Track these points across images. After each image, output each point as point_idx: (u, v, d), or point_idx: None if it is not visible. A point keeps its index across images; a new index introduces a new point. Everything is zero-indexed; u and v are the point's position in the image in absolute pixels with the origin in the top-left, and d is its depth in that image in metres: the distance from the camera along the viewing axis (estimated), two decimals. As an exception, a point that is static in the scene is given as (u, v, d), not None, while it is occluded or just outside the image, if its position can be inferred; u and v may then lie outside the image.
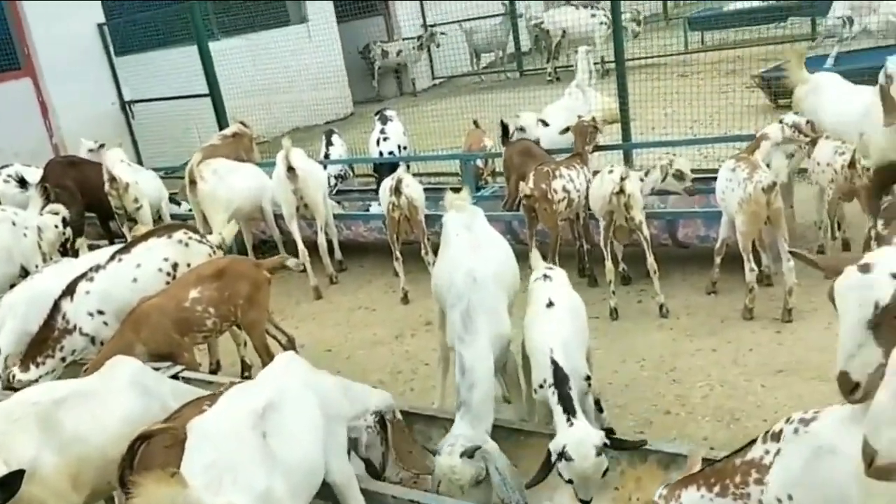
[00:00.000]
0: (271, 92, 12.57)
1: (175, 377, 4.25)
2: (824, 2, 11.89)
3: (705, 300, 5.51)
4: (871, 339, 2.20)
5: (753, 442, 2.50)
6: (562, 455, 2.85)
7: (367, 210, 7.78)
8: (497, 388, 3.85)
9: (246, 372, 5.21)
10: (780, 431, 2.41)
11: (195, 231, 5.23)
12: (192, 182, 6.37)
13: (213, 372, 5.24)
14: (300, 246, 6.75)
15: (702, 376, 4.57)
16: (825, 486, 2.20)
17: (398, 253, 6.37)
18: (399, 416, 3.41)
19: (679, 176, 5.69)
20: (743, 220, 4.89)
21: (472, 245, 3.79)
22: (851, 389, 2.20)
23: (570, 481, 2.89)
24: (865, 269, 2.28)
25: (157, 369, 4.22)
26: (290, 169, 6.54)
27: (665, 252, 6.00)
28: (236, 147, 7.92)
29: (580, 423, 2.97)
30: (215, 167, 6.65)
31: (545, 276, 3.72)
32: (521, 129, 7.29)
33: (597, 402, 4.01)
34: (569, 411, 3.01)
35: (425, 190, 6.99)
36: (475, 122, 8.29)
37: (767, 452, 2.42)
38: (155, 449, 2.93)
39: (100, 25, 12.10)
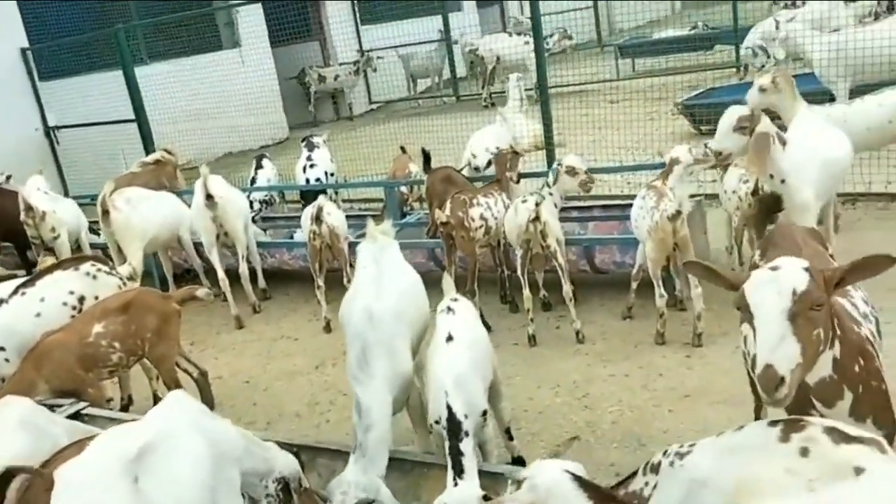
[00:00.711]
0: (204, 117, 12.43)
1: (78, 414, 4.14)
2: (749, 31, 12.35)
3: (621, 325, 5.59)
4: (789, 332, 2.23)
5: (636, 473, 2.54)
6: None
7: (292, 237, 7.70)
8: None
9: (158, 406, 5.08)
10: (659, 464, 2.45)
11: (104, 262, 5.10)
12: (105, 212, 6.22)
13: (125, 408, 5.11)
14: (220, 275, 6.64)
15: (613, 402, 4.62)
16: None
17: (320, 281, 6.32)
18: (307, 484, 3.24)
19: (571, 171, 5.66)
20: (651, 247, 4.99)
21: (375, 279, 3.69)
22: (776, 386, 2.18)
23: None
24: (774, 268, 2.34)
25: (57, 406, 4.13)
26: (209, 197, 6.44)
27: (583, 278, 6.08)
28: (157, 174, 7.79)
29: (464, 483, 2.98)
30: (129, 196, 6.50)
31: (448, 309, 3.69)
32: (474, 157, 7.39)
33: (507, 431, 4.04)
34: (456, 469, 3.01)
35: (353, 217, 6.97)
36: (402, 148, 8.31)
37: (647, 484, 2.46)
38: (36, 492, 2.83)
39: (23, 50, 11.86)
